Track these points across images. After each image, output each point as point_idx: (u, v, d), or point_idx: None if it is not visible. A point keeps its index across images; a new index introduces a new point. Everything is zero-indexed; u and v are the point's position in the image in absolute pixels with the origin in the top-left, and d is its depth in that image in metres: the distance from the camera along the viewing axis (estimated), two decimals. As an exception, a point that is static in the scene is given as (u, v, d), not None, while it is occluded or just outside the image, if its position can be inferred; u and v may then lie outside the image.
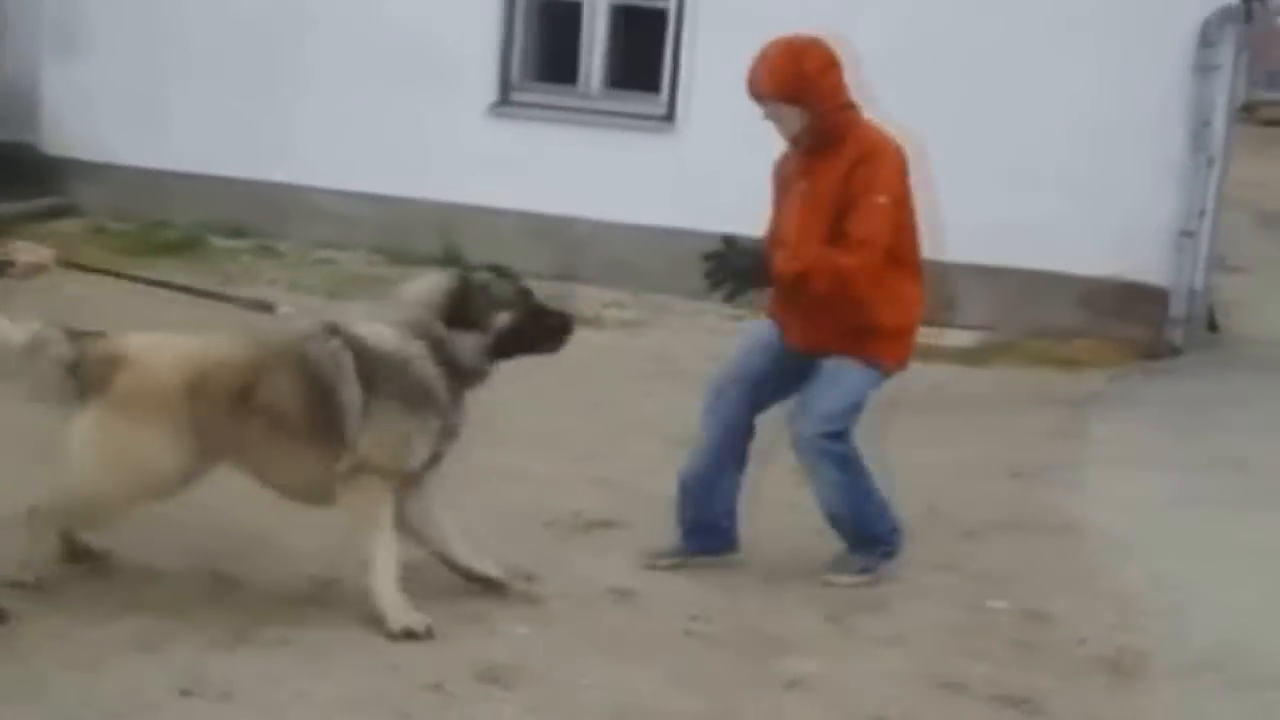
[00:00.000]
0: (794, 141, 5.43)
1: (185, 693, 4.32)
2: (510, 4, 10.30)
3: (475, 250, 10.25)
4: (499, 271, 5.15)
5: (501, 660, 4.65)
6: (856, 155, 5.27)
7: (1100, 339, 9.54)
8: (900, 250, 5.38)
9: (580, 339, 8.84)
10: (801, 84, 5.27)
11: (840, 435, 5.42)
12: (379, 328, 4.93)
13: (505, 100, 10.31)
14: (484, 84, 10.28)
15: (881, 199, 5.24)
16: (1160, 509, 6.62)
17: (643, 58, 10.14)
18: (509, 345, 5.07)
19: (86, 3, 10.88)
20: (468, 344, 4.96)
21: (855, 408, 5.44)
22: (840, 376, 5.38)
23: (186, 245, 10.43)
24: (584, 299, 9.81)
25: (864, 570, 5.52)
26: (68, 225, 10.42)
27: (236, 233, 10.64)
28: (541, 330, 5.16)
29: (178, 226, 10.63)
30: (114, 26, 10.88)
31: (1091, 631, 5.21)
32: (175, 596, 4.93)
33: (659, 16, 10.03)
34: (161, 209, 10.72)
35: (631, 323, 9.51)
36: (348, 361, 4.86)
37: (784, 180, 5.55)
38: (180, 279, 5.82)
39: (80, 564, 5.10)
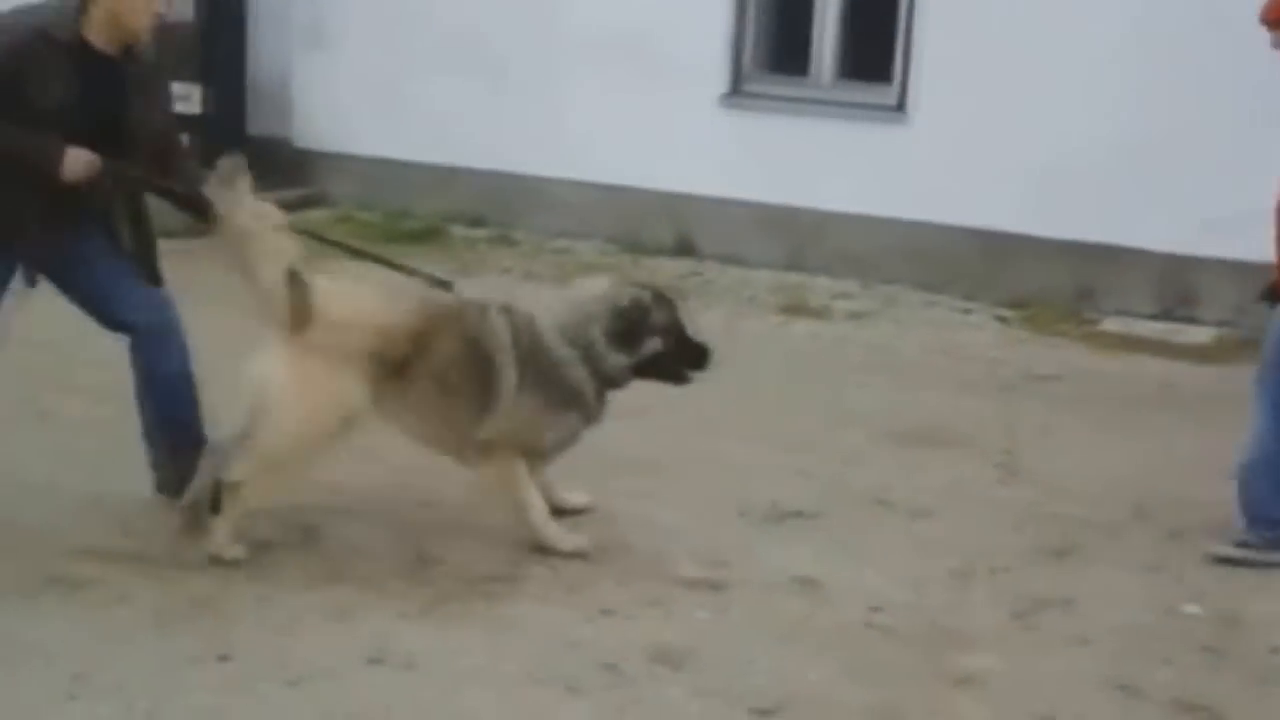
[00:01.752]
0: None
1: (371, 661, 4.53)
2: (742, -7, 10.39)
3: (707, 240, 10.42)
4: (659, 295, 5.43)
5: (677, 643, 4.74)
6: None
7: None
8: None
9: (806, 329, 9.14)
10: None
11: None
12: (546, 321, 5.27)
13: (736, 90, 10.34)
14: (716, 75, 10.32)
15: None
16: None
17: (874, 47, 10.08)
18: (650, 368, 5.38)
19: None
20: (617, 360, 5.30)
21: None
22: None
23: (428, 234, 10.78)
24: (813, 289, 9.87)
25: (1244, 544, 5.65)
26: (317, 215, 10.83)
27: (475, 222, 10.94)
28: (681, 361, 5.44)
29: (420, 216, 10.99)
30: (360, 22, 11.26)
31: (1288, 640, 5.06)
32: (374, 570, 5.17)
33: (890, 4, 9.96)
34: (405, 199, 11.09)
35: (859, 314, 9.47)
36: (509, 340, 5.21)
37: None
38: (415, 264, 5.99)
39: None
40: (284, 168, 11.22)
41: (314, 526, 5.49)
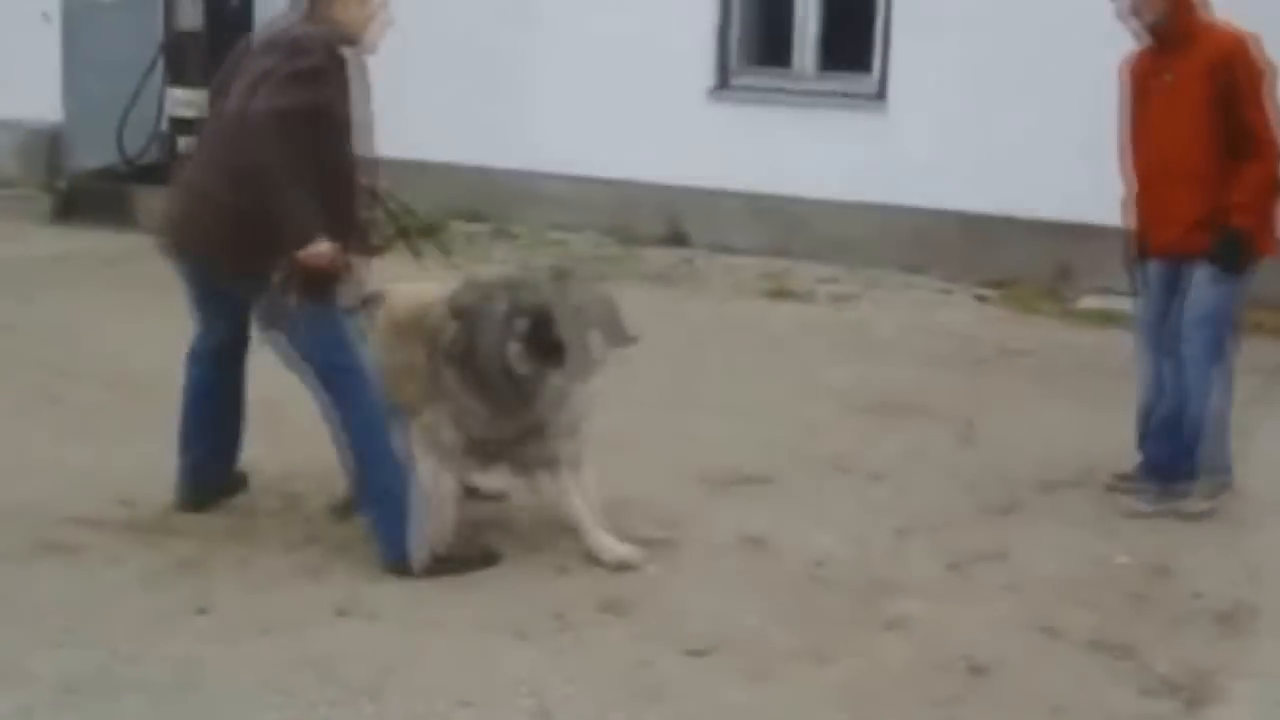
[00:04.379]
0: (1151, 32, 5.90)
1: (339, 613, 4.89)
2: (726, -11, 10.71)
3: (698, 230, 10.73)
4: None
5: (625, 595, 5.07)
6: (1222, 53, 5.78)
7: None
8: None
9: (789, 312, 9.43)
10: None
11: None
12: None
13: (723, 84, 10.68)
14: (703, 69, 10.66)
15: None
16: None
17: (854, 38, 10.39)
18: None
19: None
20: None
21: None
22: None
23: (429, 230, 11.09)
24: (799, 275, 10.17)
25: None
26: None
27: (475, 217, 11.26)
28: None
29: (420, 213, 11.30)
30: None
31: (1210, 587, 5.33)
32: (347, 534, 5.48)
33: (870, -4, 10.29)
34: (404, 197, 11.38)
35: (842, 297, 9.76)
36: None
37: (1139, 79, 6.06)
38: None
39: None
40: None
41: (295, 494, 5.84)
